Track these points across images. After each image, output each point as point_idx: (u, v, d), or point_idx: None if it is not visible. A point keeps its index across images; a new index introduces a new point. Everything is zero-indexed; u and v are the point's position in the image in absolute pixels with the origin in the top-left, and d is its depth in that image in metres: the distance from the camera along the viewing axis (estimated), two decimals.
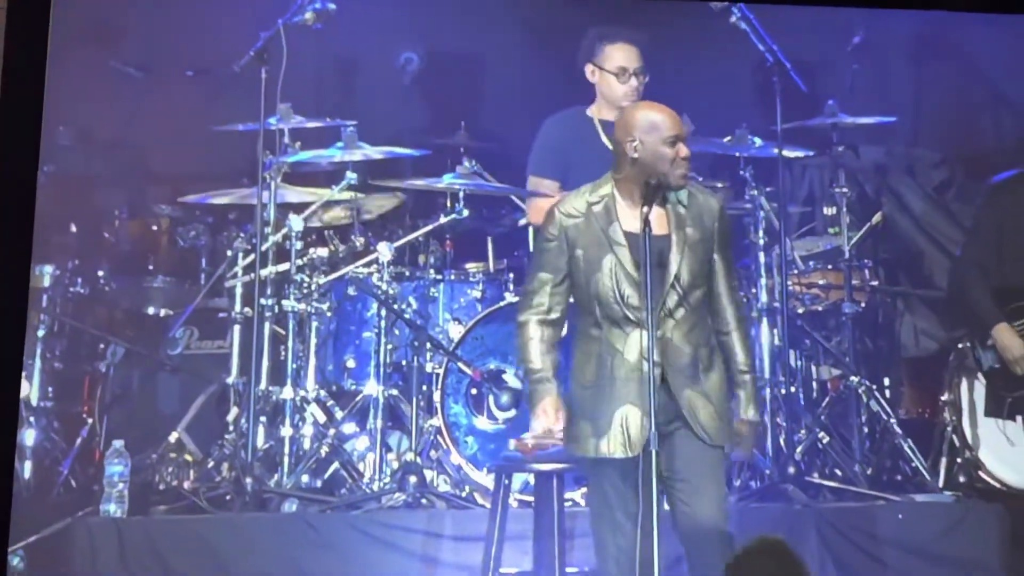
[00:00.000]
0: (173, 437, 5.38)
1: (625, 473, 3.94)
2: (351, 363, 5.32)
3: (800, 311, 5.59)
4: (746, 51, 5.53)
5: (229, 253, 5.53)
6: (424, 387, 5.19)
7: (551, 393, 3.97)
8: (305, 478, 5.12)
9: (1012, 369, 4.79)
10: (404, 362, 5.25)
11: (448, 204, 5.40)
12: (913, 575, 4.85)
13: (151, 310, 5.76)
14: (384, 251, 5.27)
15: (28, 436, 5.32)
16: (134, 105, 5.96)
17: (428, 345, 5.20)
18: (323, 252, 5.40)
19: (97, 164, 5.94)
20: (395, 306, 5.23)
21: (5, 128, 4.71)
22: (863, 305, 5.65)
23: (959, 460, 5.21)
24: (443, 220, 5.35)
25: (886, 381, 5.79)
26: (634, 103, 4.05)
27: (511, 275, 5.42)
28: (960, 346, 5.26)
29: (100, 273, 5.73)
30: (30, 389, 5.42)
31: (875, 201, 6.12)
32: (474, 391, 5.19)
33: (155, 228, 5.89)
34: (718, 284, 4.02)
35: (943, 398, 5.28)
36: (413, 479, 5.01)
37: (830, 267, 5.68)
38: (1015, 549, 4.87)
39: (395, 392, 5.22)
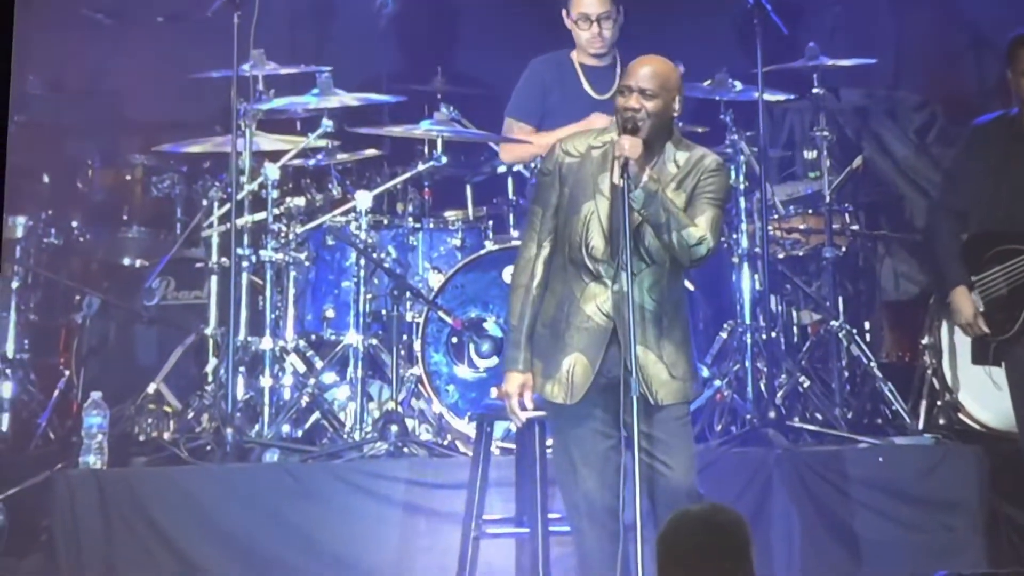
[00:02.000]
0: (152, 388, 5.35)
1: (578, 421, 3.95)
2: (330, 313, 5.29)
3: (781, 256, 5.58)
4: None
5: (204, 202, 5.48)
6: (404, 336, 5.16)
7: (515, 368, 3.96)
8: (286, 428, 5.11)
9: (964, 332, 4.76)
10: (384, 311, 5.22)
11: (426, 151, 5.35)
12: (893, 517, 4.88)
13: (126, 260, 5.71)
14: (362, 199, 5.22)
15: (5, 389, 5.29)
16: (105, 52, 5.87)
17: (408, 294, 5.17)
18: (300, 201, 5.34)
19: (69, 113, 5.87)
20: (374, 255, 5.19)
21: None
22: (844, 249, 5.64)
23: (939, 403, 5.23)
24: (421, 168, 5.30)
25: (867, 325, 5.80)
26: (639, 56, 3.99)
27: (490, 223, 5.38)
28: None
29: (74, 224, 5.67)
30: (6, 342, 5.38)
31: (856, 144, 6.09)
32: (455, 340, 5.16)
33: (129, 178, 5.82)
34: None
35: (923, 341, 5.28)
36: (394, 428, 5.00)
37: (811, 211, 5.67)
38: (993, 489, 4.91)
39: (375, 341, 5.20)
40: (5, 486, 4.84)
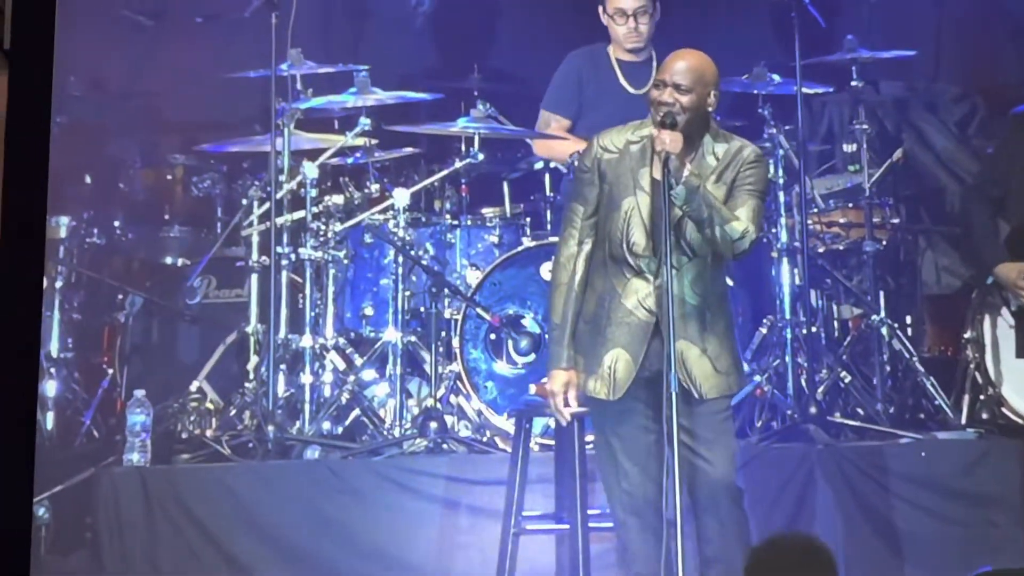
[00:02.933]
0: (194, 386, 5.39)
1: (621, 416, 3.94)
2: (369, 310, 5.31)
3: (821, 250, 5.54)
4: None
5: (244, 201, 5.51)
6: (443, 333, 5.18)
7: (559, 365, 3.96)
8: (326, 425, 5.14)
9: (1018, 297, 4.70)
10: (422, 308, 5.23)
11: (463, 148, 5.36)
12: (936, 512, 4.84)
13: (168, 260, 5.76)
14: (400, 197, 5.24)
15: (49, 387, 5.34)
16: (145, 54, 5.92)
17: (446, 291, 5.18)
18: (339, 199, 5.37)
19: (110, 114, 5.91)
20: (412, 252, 5.21)
21: (16, 79, 4.67)
22: (884, 243, 5.60)
23: (982, 397, 5.18)
24: (458, 165, 5.31)
25: (908, 319, 5.75)
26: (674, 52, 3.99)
27: (528, 219, 5.38)
28: (989, 282, 5.19)
29: (116, 223, 5.72)
30: (50, 341, 5.44)
31: (896, 137, 6.04)
32: (493, 336, 5.17)
33: (169, 177, 5.87)
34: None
35: (965, 335, 5.24)
36: (434, 425, 5.01)
37: (851, 205, 5.63)
38: None
39: (414, 338, 5.21)
40: (50, 484, 4.90)
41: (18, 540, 4.46)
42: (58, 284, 5.49)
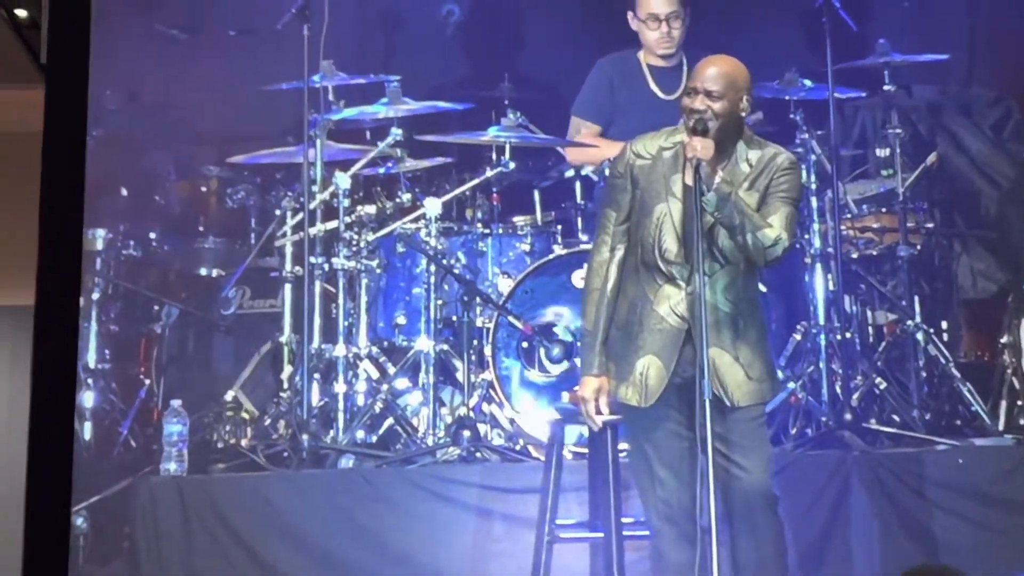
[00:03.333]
0: (229, 396, 5.43)
1: (653, 423, 3.92)
2: (402, 319, 5.33)
3: (854, 255, 5.51)
4: None
5: (278, 212, 5.55)
6: (475, 341, 5.19)
7: (591, 372, 3.95)
8: (360, 434, 5.16)
9: None
10: (454, 317, 5.25)
11: (494, 157, 5.37)
12: (973, 519, 4.80)
13: (203, 271, 5.80)
14: (432, 206, 5.26)
15: (87, 398, 5.39)
16: (179, 67, 5.97)
17: (478, 300, 5.19)
18: (371, 209, 5.39)
19: (145, 127, 5.97)
20: (444, 261, 5.22)
21: (53, 94, 4.73)
22: (919, 248, 5.56)
23: (1019, 403, 5.14)
24: (489, 174, 5.32)
25: (944, 324, 5.70)
26: (707, 57, 3.98)
27: (559, 227, 5.39)
28: None
29: (152, 235, 5.77)
30: (87, 352, 5.49)
31: (929, 141, 6.00)
32: (525, 345, 5.18)
33: (204, 189, 5.92)
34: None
35: (1002, 340, 5.20)
36: (467, 433, 5.02)
37: (884, 210, 5.59)
38: None
39: (446, 347, 5.23)
40: (88, 493, 4.94)
41: (57, 550, 4.51)
42: (95, 296, 5.54)
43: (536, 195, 5.50)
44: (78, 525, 4.90)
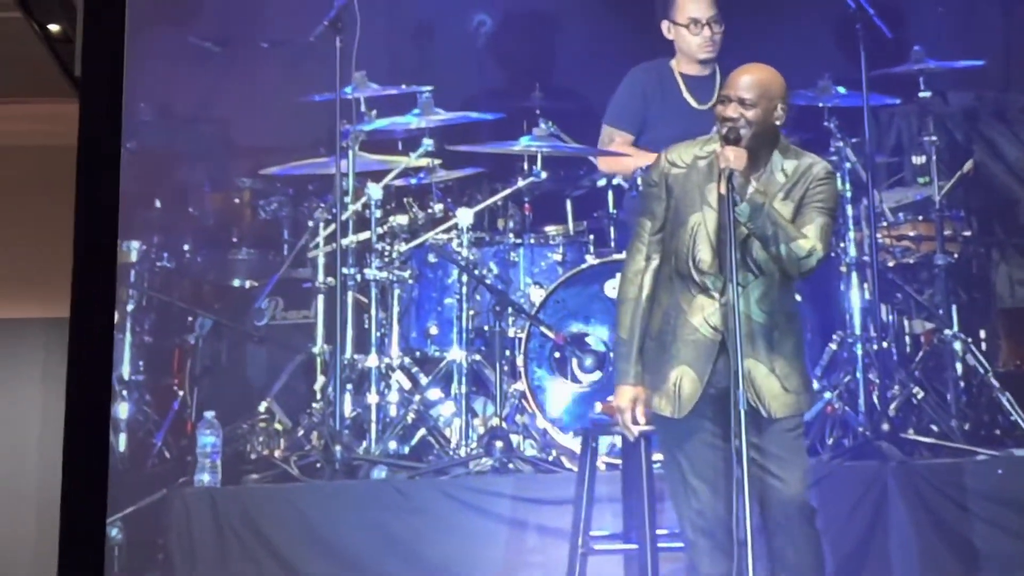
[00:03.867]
0: (262, 407, 5.44)
1: (687, 433, 3.89)
2: (434, 330, 5.33)
3: (891, 264, 5.46)
4: None
5: (310, 223, 5.56)
6: (507, 352, 5.18)
7: (627, 381, 3.93)
8: (393, 445, 5.16)
9: None
10: (486, 327, 5.24)
11: (526, 167, 5.37)
12: (1014, 530, 4.74)
13: (236, 282, 5.82)
14: (463, 216, 5.26)
15: (122, 410, 5.42)
16: (212, 79, 6.01)
17: (510, 310, 5.18)
18: (403, 220, 5.40)
19: (178, 139, 6.01)
20: (476, 272, 5.22)
21: (88, 106, 4.77)
22: (956, 256, 5.50)
23: None
24: (521, 184, 5.32)
25: (982, 333, 5.64)
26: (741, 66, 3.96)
27: (591, 237, 5.37)
28: None
29: (185, 247, 5.80)
30: (122, 363, 5.52)
31: (966, 148, 5.94)
32: (557, 355, 5.16)
33: (237, 201, 5.94)
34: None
35: None
36: (499, 444, 5.01)
37: (921, 218, 5.54)
38: None
39: (478, 357, 5.22)
40: (123, 505, 4.95)
41: (92, 560, 4.53)
42: (129, 307, 5.57)
43: (568, 205, 5.48)
44: (113, 536, 4.92)
